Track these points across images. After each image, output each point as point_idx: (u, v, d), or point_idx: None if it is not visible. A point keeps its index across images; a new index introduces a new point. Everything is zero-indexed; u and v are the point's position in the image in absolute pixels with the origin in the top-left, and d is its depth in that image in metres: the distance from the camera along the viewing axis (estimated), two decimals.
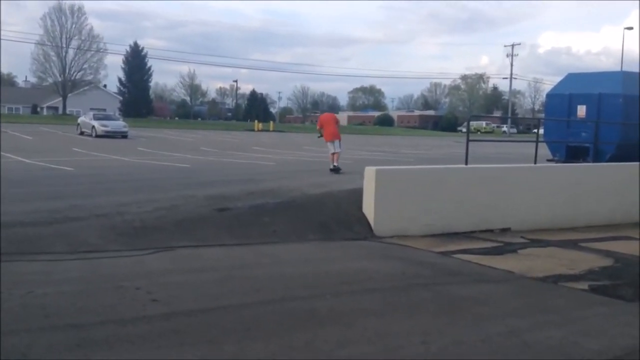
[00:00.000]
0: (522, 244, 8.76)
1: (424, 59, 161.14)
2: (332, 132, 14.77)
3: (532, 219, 9.88)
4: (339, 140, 14.91)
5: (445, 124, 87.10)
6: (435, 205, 9.10)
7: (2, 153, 19.40)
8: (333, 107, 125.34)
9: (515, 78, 78.13)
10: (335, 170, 14.45)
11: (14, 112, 73.24)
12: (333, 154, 14.69)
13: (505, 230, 9.54)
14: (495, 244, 8.59)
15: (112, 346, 4.15)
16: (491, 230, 9.44)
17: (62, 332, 4.38)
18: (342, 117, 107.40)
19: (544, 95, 20.21)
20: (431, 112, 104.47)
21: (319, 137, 15.59)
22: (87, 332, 4.39)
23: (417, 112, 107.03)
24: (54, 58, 64.66)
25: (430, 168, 10.65)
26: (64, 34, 64.33)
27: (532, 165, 11.71)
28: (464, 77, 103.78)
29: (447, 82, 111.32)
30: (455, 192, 9.36)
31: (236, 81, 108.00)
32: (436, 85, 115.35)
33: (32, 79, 78.59)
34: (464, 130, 60.99)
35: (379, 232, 8.71)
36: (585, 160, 15.43)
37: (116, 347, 4.13)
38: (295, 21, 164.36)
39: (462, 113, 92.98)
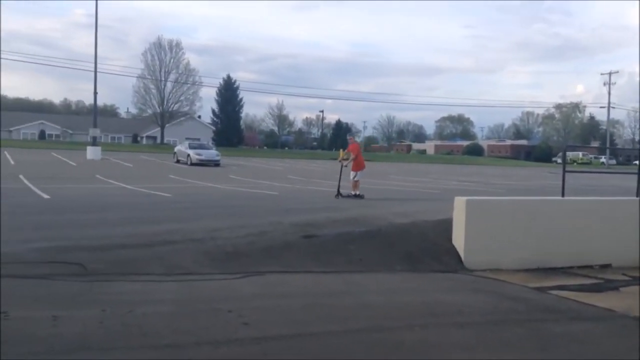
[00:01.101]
0: (624, 281, 8.24)
1: (515, 87, 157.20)
2: (362, 161, 16.14)
3: (635, 255, 9.27)
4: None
5: (539, 154, 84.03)
6: (530, 239, 8.76)
7: (105, 179, 20.69)
8: (419, 135, 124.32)
9: (613, 107, 74.41)
10: (359, 196, 15.51)
11: (116, 141, 78.15)
12: (357, 181, 15.83)
13: (605, 267, 9.01)
14: (594, 281, 8.12)
15: None
16: (590, 267, 8.95)
17: (160, 351, 4.57)
18: (430, 146, 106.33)
19: None
20: (523, 142, 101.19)
21: (345, 165, 16.13)
22: (183, 352, 4.56)
23: (508, 142, 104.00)
24: (154, 90, 68.54)
25: (524, 199, 10.29)
26: (163, 68, 68.16)
27: (634, 198, 11.05)
28: (559, 106, 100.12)
29: (540, 111, 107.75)
30: (551, 225, 8.97)
31: (322, 111, 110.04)
32: (528, 114, 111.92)
33: (133, 110, 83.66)
34: (559, 160, 58.53)
35: (470, 264, 8.48)
36: None
37: None
38: (379, 51, 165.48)
39: (557, 143, 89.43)
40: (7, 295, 5.75)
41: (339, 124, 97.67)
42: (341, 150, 17.02)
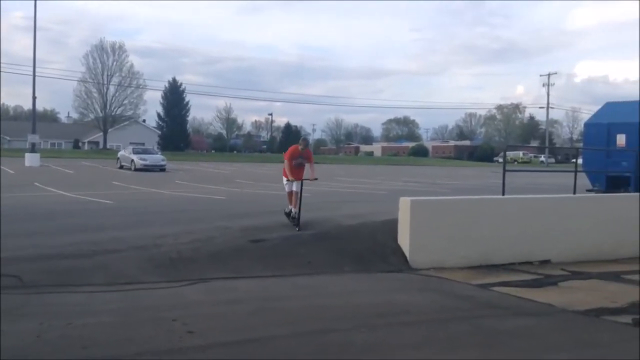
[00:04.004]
0: (562, 276, 8.53)
1: (458, 89, 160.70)
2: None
3: (573, 250, 9.63)
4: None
5: (481, 154, 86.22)
6: (472, 237, 8.96)
7: (45, 187, 19.99)
8: (367, 138, 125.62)
9: (552, 107, 77.18)
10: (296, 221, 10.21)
11: (56, 147, 75.58)
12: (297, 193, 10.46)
13: (545, 263, 9.31)
14: (534, 277, 8.38)
15: None
16: (530, 263, 9.23)
17: None
18: (377, 148, 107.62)
19: (582, 125, 19.90)
20: (466, 143, 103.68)
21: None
22: None
23: (452, 143, 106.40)
24: (96, 94, 66.86)
25: (467, 199, 10.52)
26: (105, 71, 66.58)
27: (572, 195, 11.48)
28: (500, 107, 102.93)
29: (483, 112, 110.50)
30: (493, 223, 9.21)
31: (271, 114, 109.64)
32: (471, 115, 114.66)
33: (75, 115, 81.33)
34: (501, 160, 60.24)
35: (415, 263, 8.60)
36: (626, 190, 15.04)
37: None
38: (329, 55, 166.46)
39: (498, 143, 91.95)
40: None
41: (288, 126, 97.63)
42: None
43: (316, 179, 10.77)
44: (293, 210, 10.36)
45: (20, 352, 4.61)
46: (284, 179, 10.75)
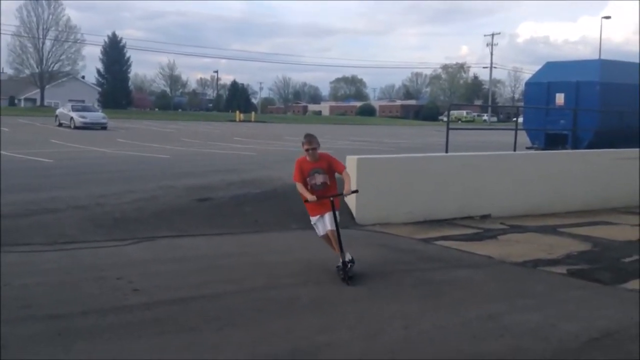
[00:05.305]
0: (501, 230, 8.86)
1: (405, 49, 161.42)
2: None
3: (512, 205, 9.98)
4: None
5: (427, 113, 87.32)
6: (416, 194, 9.15)
7: None
8: (315, 97, 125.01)
9: (495, 67, 78.52)
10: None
11: None
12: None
13: (485, 217, 9.63)
14: (475, 231, 8.67)
15: (94, 336, 4.13)
16: (471, 217, 9.52)
17: (42, 323, 4.34)
18: (325, 107, 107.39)
19: (524, 84, 20.37)
20: (412, 102, 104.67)
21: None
22: (68, 322, 4.37)
23: (398, 102, 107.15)
24: (31, 49, 63.62)
25: (411, 157, 10.70)
26: (41, 25, 63.27)
27: (512, 152, 11.83)
28: (445, 67, 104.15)
29: (428, 72, 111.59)
30: (436, 180, 9.41)
31: (217, 72, 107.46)
32: (417, 75, 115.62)
33: (9, 71, 77.17)
34: (445, 119, 61.30)
35: (361, 220, 8.74)
36: (564, 147, 15.61)
37: (97, 337, 4.11)
38: (275, 12, 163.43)
39: (443, 102, 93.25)
40: None
41: (234, 84, 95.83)
42: (239, 113, 10.58)
43: (356, 191, 6.68)
44: (341, 256, 5.85)
45: None
46: (310, 217, 6.24)
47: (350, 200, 8.91)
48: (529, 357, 4.05)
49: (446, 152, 10.82)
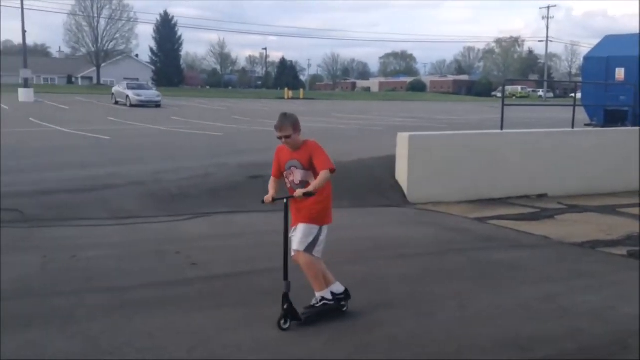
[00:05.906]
0: (559, 209, 8.63)
1: (456, 23, 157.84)
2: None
3: (570, 184, 9.70)
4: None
5: (480, 89, 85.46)
6: (470, 171, 9.00)
7: (40, 122, 19.84)
8: (364, 73, 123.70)
9: (551, 41, 76.58)
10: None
11: (49, 82, 74.46)
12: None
13: (542, 196, 9.40)
14: (531, 210, 8.48)
15: (153, 308, 4.27)
16: (527, 196, 9.31)
17: (105, 295, 4.52)
18: (374, 84, 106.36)
19: (581, 59, 19.64)
20: (465, 77, 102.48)
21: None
22: (129, 295, 4.53)
23: (450, 77, 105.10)
24: (86, 28, 65.49)
25: (464, 134, 10.49)
26: (95, 4, 64.83)
27: (570, 129, 11.46)
28: (498, 41, 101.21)
29: (481, 47, 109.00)
30: (490, 158, 9.23)
31: (265, 49, 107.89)
32: (469, 49, 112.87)
33: (66, 50, 79.69)
34: (499, 95, 59.74)
35: (413, 198, 8.67)
36: (624, 124, 15.03)
37: (157, 309, 4.25)
38: None
39: (497, 78, 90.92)
40: None
41: (283, 62, 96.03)
42: (287, 90, 10.87)
43: (311, 194, 4.29)
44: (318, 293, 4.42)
45: (24, 284, 4.70)
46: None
47: (402, 179, 8.86)
48: (587, 339, 3.96)
49: (501, 129, 10.56)
